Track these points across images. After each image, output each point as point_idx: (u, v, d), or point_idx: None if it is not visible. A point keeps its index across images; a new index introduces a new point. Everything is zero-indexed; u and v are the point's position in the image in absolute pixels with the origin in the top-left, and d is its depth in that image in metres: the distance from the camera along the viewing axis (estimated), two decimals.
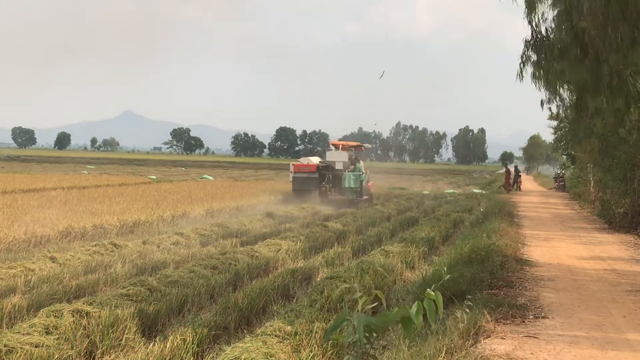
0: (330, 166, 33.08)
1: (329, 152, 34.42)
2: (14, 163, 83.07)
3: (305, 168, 32.63)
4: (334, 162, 33.12)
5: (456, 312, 8.55)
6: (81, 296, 10.71)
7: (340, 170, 32.66)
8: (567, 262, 14.37)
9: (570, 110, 15.69)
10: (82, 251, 14.21)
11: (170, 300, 10.14)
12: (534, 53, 10.84)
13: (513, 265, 12.92)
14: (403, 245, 15.96)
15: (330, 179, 32.67)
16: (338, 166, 32.89)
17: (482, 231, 17.01)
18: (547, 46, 10.69)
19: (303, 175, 32.40)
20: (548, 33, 10.87)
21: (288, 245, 15.89)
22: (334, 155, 33.60)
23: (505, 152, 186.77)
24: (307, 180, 32.16)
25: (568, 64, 10.49)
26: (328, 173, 32.81)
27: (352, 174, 31.99)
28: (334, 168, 32.95)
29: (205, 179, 52.22)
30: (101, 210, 21.26)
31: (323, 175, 32.52)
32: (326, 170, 32.88)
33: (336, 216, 25.18)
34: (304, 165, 32.87)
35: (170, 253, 15.20)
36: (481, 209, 28.49)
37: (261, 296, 10.60)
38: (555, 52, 10.62)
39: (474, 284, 10.66)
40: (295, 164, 33.44)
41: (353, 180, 31.77)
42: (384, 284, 11.72)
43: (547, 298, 10.33)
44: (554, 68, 10.88)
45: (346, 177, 31.90)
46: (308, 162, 33.21)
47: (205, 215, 23.54)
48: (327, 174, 32.73)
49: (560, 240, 18.73)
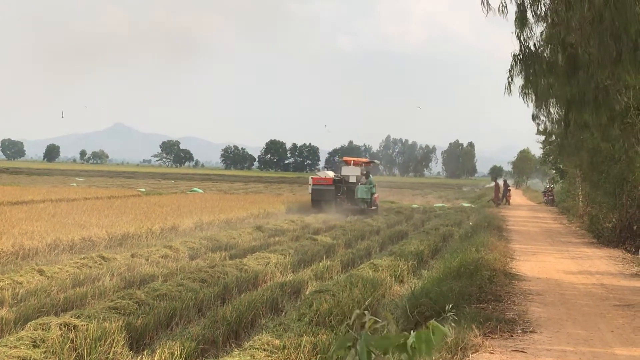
0: (345, 179, 37.21)
1: (344, 167, 38.79)
2: (3, 175, 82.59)
3: (322, 181, 36.79)
4: (348, 176, 37.40)
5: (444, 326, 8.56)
6: (69, 309, 10.66)
7: (354, 183, 36.72)
8: (555, 277, 14.42)
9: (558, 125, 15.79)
10: (70, 264, 14.15)
11: (158, 314, 10.11)
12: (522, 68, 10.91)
13: (502, 280, 12.95)
14: (392, 259, 15.96)
15: (344, 190, 36.68)
16: (352, 179, 37.05)
17: (471, 245, 17.04)
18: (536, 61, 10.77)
19: (321, 187, 36.42)
20: (537, 47, 10.95)
21: (277, 259, 15.87)
22: (348, 170, 37.96)
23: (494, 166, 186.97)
24: (324, 192, 36.21)
25: (556, 78, 10.57)
26: (342, 185, 36.86)
27: (363, 187, 35.85)
28: (348, 181, 37.08)
29: (195, 191, 52.08)
30: (90, 223, 21.17)
31: (338, 187, 36.65)
32: (340, 183, 36.93)
33: (325, 230, 25.17)
34: (321, 179, 37.09)
35: (158, 266, 15.15)
36: (470, 222, 28.55)
37: (250, 310, 10.57)
38: (543, 66, 10.70)
39: (463, 297, 10.68)
40: (314, 177, 37.57)
41: (365, 191, 35.67)
42: (373, 298, 11.72)
43: (536, 312, 10.36)
44: (543, 83, 10.96)
45: (358, 189, 35.74)
46: (325, 176, 37.55)
47: (194, 228, 23.49)
48: (342, 186, 36.80)
49: (549, 254, 18.79)
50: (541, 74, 10.68)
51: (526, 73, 10.81)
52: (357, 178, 37.12)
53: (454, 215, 34.25)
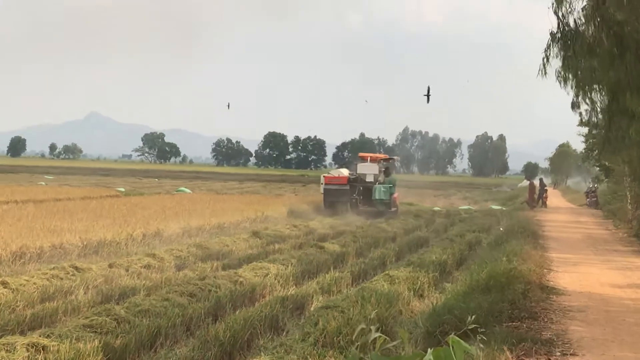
0: (361, 178, 37.82)
1: (360, 164, 39.29)
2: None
3: (336, 180, 37.43)
4: (365, 175, 37.98)
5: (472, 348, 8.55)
6: (37, 327, 10.69)
7: (371, 182, 37.33)
8: (599, 291, 14.39)
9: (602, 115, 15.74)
10: (39, 275, 14.17)
11: (140, 333, 10.13)
12: (560, 48, 10.87)
13: (537, 294, 12.94)
14: (410, 269, 15.97)
15: (360, 190, 37.24)
16: (369, 178, 37.67)
17: (502, 254, 17.02)
18: (576, 40, 10.73)
19: (334, 187, 37.05)
20: (577, 25, 10.91)
21: (277, 270, 15.89)
22: (364, 168, 38.60)
23: (529, 163, 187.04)
24: (338, 192, 36.75)
25: (599, 60, 10.53)
26: (358, 185, 37.45)
27: (382, 186, 36.60)
28: (364, 180, 37.65)
29: (182, 192, 52.14)
30: (61, 228, 21.21)
31: (354, 187, 37.25)
32: (356, 182, 37.55)
33: (333, 236, 25.19)
34: (335, 178, 37.74)
35: (140, 278, 15.18)
36: (501, 228, 28.52)
37: (246, 328, 10.59)
38: (584, 46, 10.66)
39: (493, 315, 10.67)
40: (326, 176, 38.37)
41: (383, 192, 36.29)
42: (389, 315, 11.72)
43: (577, 332, 10.35)
44: (583, 65, 10.92)
45: (376, 189, 36.40)
46: (339, 174, 38.19)
47: (181, 234, 23.51)
48: (358, 186, 37.35)
49: (592, 265, 18.76)
50: (582, 55, 10.64)
51: (564, 54, 10.77)
52: (374, 177, 37.66)
53: (481, 220, 34.22)
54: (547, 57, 10.99)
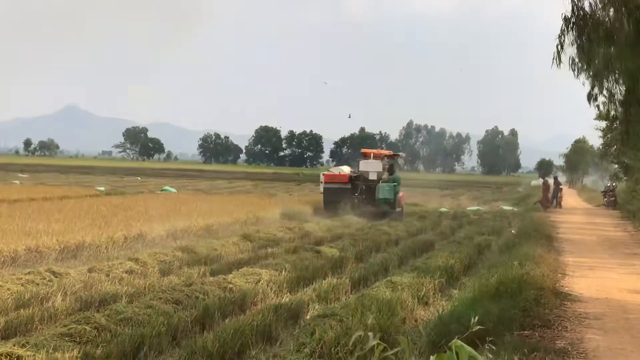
0: (363, 176, 37.78)
1: (362, 161, 39.04)
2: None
3: (337, 178, 37.72)
4: (368, 172, 37.79)
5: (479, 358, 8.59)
6: (11, 336, 10.70)
7: (374, 180, 37.25)
8: (617, 297, 14.44)
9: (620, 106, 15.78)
10: (13, 280, 14.17)
11: (122, 342, 10.14)
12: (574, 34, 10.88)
13: (551, 301, 12.99)
14: (415, 275, 16.00)
15: (363, 189, 37.31)
16: (372, 176, 37.51)
17: (513, 258, 17.08)
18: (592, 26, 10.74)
19: (335, 185, 37.24)
20: (593, 9, 10.92)
21: (270, 275, 15.90)
22: (367, 165, 38.28)
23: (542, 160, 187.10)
24: (339, 191, 36.83)
25: (618, 48, 10.54)
26: (360, 183, 37.50)
27: (386, 185, 36.59)
28: (367, 178, 37.56)
29: (167, 191, 52.12)
30: (36, 230, 21.21)
31: (356, 186, 37.35)
32: (358, 180, 37.64)
33: (331, 239, 25.20)
34: (335, 176, 38.04)
35: (122, 283, 15.19)
36: (512, 230, 28.59)
37: (236, 338, 10.60)
38: (600, 33, 10.66)
39: (503, 323, 10.71)
40: (326, 174, 38.54)
41: (387, 191, 36.32)
42: (391, 324, 11.75)
43: (593, 341, 10.39)
44: (600, 52, 10.92)
45: (380, 187, 36.48)
46: (340, 172, 38.54)
47: (166, 236, 23.52)
48: (360, 185, 37.44)
49: (610, 269, 18.82)
50: (598, 42, 10.64)
51: (580, 40, 10.77)
52: (378, 174, 37.56)
53: (492, 222, 34.28)
54: (562, 44, 11.00)
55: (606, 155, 53.07)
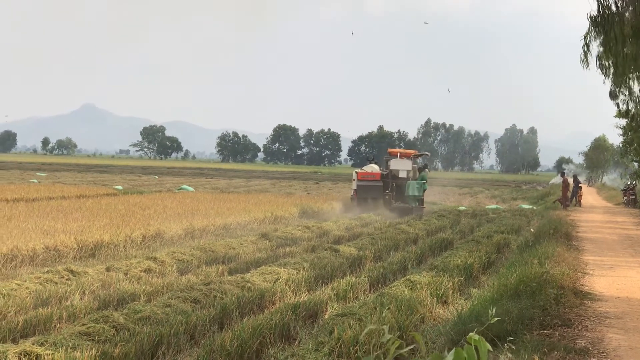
0: (394, 174, 40.85)
1: (393, 160, 41.83)
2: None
3: (369, 176, 40.35)
4: (398, 170, 40.89)
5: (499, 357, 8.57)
6: (30, 335, 10.76)
7: (404, 178, 40.43)
8: (639, 296, 14.36)
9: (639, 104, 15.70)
10: (32, 279, 14.26)
11: (140, 341, 10.16)
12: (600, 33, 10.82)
13: (571, 300, 12.92)
14: (433, 274, 15.98)
15: (393, 187, 40.56)
16: (402, 174, 40.69)
17: (532, 257, 17.00)
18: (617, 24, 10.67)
19: (367, 183, 40.05)
20: (619, 7, 10.85)
21: (288, 274, 15.92)
22: (397, 164, 41.33)
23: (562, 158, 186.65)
24: (371, 189, 39.88)
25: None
26: (391, 181, 40.62)
27: (415, 182, 39.64)
28: (397, 176, 40.75)
29: (184, 190, 52.34)
30: (55, 229, 21.32)
31: (387, 184, 40.51)
32: (388, 178, 40.66)
33: (349, 238, 25.20)
34: (368, 174, 40.53)
35: (140, 282, 15.24)
36: (532, 229, 28.48)
37: (255, 337, 10.61)
38: (625, 30, 10.60)
39: (522, 322, 10.67)
40: (359, 172, 40.96)
41: (417, 188, 39.38)
42: (410, 323, 11.74)
43: (614, 340, 10.34)
44: (625, 51, 10.86)
45: (409, 185, 39.58)
46: (372, 171, 40.92)
47: (184, 235, 23.60)
48: (391, 182, 40.56)
49: (631, 268, 18.71)
50: (623, 40, 10.58)
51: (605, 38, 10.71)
52: (407, 173, 40.64)
53: (511, 220, 34.17)
54: (588, 44, 10.94)
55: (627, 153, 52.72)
